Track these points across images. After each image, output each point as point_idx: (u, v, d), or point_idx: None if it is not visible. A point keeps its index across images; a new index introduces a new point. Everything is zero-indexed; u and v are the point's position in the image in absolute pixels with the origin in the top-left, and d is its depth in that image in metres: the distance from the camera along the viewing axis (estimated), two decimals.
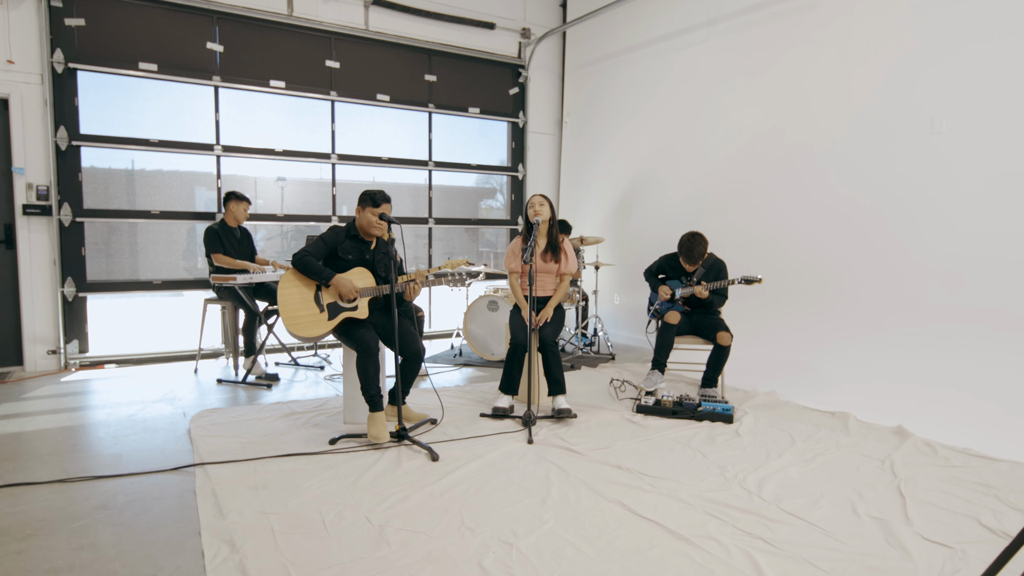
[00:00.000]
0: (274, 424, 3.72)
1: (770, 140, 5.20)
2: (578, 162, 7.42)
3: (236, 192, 5.01)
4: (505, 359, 3.95)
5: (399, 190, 6.79)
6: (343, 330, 3.51)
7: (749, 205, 5.37)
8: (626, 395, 4.43)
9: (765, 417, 3.90)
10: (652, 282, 4.60)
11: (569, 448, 3.30)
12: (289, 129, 6.11)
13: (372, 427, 3.33)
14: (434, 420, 3.75)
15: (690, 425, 3.73)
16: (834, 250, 4.73)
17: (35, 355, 5.14)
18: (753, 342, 5.13)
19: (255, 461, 3.10)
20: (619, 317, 6.86)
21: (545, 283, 4.11)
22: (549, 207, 4.02)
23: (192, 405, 4.17)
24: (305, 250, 3.45)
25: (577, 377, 5.03)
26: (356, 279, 3.52)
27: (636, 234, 6.58)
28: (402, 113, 6.70)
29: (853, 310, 4.60)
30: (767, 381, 4.68)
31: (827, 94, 4.79)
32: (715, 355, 4.21)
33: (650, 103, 6.36)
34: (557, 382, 3.87)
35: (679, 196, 6.04)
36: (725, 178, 5.58)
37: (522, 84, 7.41)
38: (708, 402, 3.91)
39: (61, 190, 5.14)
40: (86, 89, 5.19)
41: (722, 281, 4.16)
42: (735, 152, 5.49)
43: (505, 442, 3.41)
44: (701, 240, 4.21)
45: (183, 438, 3.50)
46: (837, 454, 3.29)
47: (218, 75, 5.66)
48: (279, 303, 3.39)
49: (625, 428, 3.69)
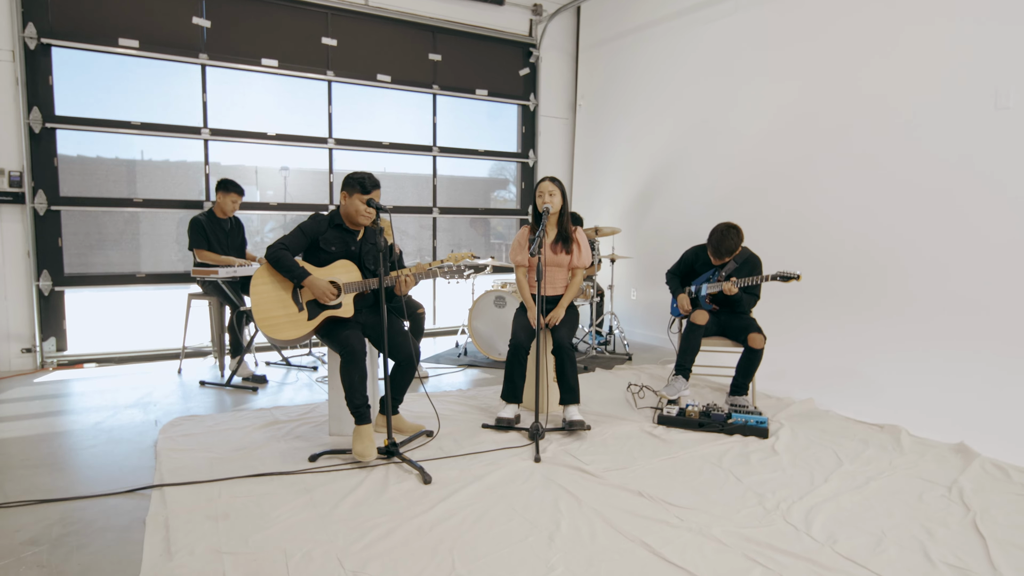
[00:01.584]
0: (252, 435, 3.33)
1: (808, 120, 4.70)
2: (593, 148, 6.95)
3: (226, 181, 4.61)
4: (505, 363, 3.52)
5: (401, 179, 6.38)
6: (326, 331, 3.10)
7: (783, 193, 4.88)
8: (645, 403, 3.99)
9: (804, 430, 3.45)
10: (673, 285, 4.13)
11: (582, 468, 2.87)
12: (283, 112, 5.70)
13: (357, 442, 2.93)
14: (430, 432, 3.34)
15: (719, 440, 3.29)
16: (880, 241, 4.24)
17: (9, 354, 4.79)
18: (787, 343, 4.67)
19: (221, 483, 2.71)
20: (636, 313, 6.41)
21: (556, 278, 3.67)
22: (560, 194, 3.58)
23: (167, 411, 3.80)
24: (280, 242, 3.05)
25: (591, 381, 4.59)
26: (340, 273, 3.11)
27: (656, 225, 6.11)
28: (404, 95, 6.27)
29: (903, 309, 4.11)
30: (803, 387, 4.22)
31: (876, 66, 4.29)
32: (746, 359, 3.75)
33: (673, 83, 5.88)
34: (571, 390, 3.44)
35: (704, 184, 5.57)
36: (756, 163, 5.10)
37: (533, 64, 6.95)
38: (739, 413, 3.47)
39: (35, 176, 4.77)
40: (61, 67, 4.81)
41: (755, 278, 3.69)
42: (768, 134, 5.00)
43: (509, 460, 2.99)
44: (735, 234, 3.73)
45: (148, 452, 3.12)
46: (893, 478, 2.83)
47: (205, 53, 5.26)
48: (252, 302, 2.99)
49: (645, 443, 3.26)
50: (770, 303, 4.62)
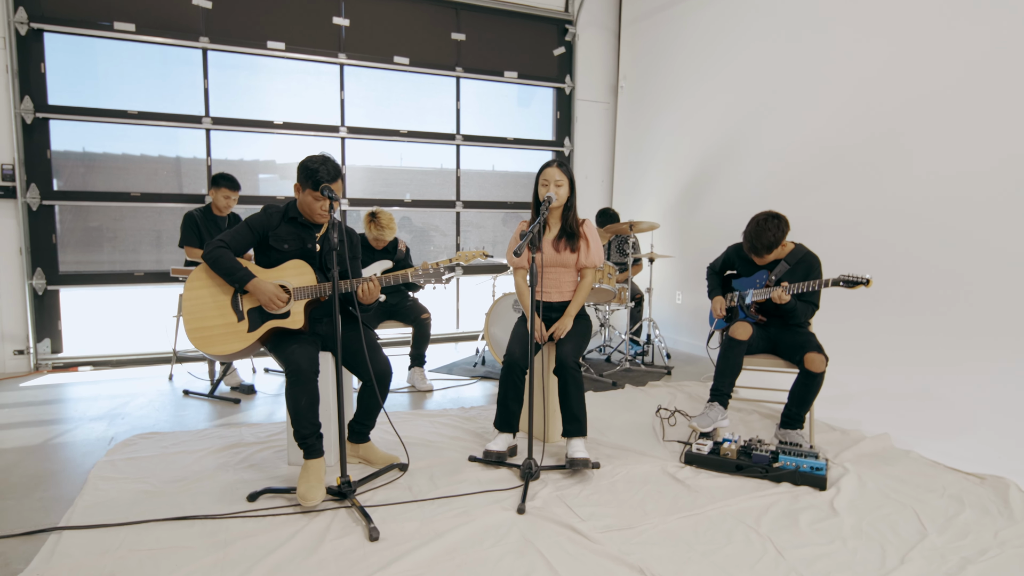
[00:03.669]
0: (203, 461, 2.88)
1: (889, 90, 3.88)
2: (637, 134, 6.24)
3: (218, 176, 4.19)
4: (499, 383, 2.93)
5: (421, 175, 5.87)
6: (274, 344, 2.60)
7: (853, 180, 4.07)
8: (675, 433, 3.31)
9: (875, 479, 2.70)
10: (712, 284, 3.44)
11: (573, 527, 2.25)
12: (290, 98, 5.29)
13: (302, 481, 2.41)
14: (403, 465, 2.79)
15: (761, 489, 2.59)
16: (975, 233, 3.39)
17: (3, 355, 4.58)
18: (854, 362, 3.86)
19: (131, 527, 2.25)
20: (681, 320, 5.68)
21: (561, 281, 3.05)
22: (569, 185, 2.96)
23: (133, 426, 3.42)
24: (220, 240, 2.56)
25: (616, 400, 3.94)
26: (291, 276, 2.60)
27: (706, 219, 5.36)
28: (424, 79, 5.76)
29: (1008, 325, 3.26)
30: (876, 417, 3.43)
31: (981, 23, 3.44)
32: (802, 385, 3.01)
33: (728, 59, 5.11)
34: (576, 420, 2.81)
35: (761, 172, 4.79)
36: (823, 146, 4.29)
37: (569, 43, 6.30)
38: (789, 454, 2.74)
39: (28, 169, 4.54)
40: (54, 54, 4.56)
41: (812, 282, 2.95)
42: (840, 109, 4.19)
43: (486, 509, 2.40)
44: (776, 225, 3.00)
45: (82, 477, 2.72)
46: (1001, 559, 2.07)
47: (206, 36, 4.90)
48: (183, 309, 2.52)
49: (664, 490, 2.60)
50: (830, 312, 3.84)
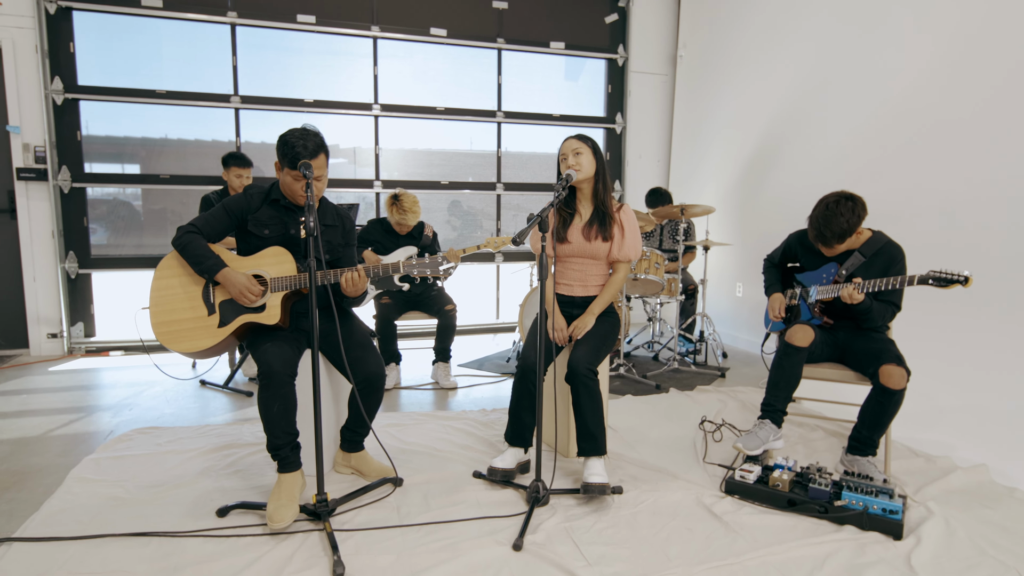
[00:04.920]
0: (189, 463, 2.67)
1: (987, 54, 3.20)
2: (696, 109, 5.66)
3: (227, 155, 4.00)
4: (511, 390, 2.55)
5: (461, 157, 5.52)
6: (249, 341, 2.33)
7: (950, 158, 3.42)
8: (718, 452, 2.84)
9: (967, 526, 2.16)
10: (770, 277, 2.93)
11: (575, 573, 1.86)
12: (321, 75, 5.05)
13: (272, 498, 2.14)
14: (397, 480, 2.48)
15: (817, 534, 2.11)
16: None
17: (39, 338, 4.60)
18: (945, 370, 3.25)
19: (82, 542, 2.03)
20: (741, 315, 5.12)
21: (587, 275, 2.64)
22: (592, 154, 2.53)
23: (139, 418, 3.28)
24: (192, 224, 2.30)
25: (656, 407, 3.49)
26: (269, 264, 2.31)
27: (771, 202, 4.77)
28: (463, 51, 5.39)
29: None
30: (971, 443, 2.85)
31: None
32: (875, 403, 2.47)
33: (800, 19, 4.48)
34: (591, 438, 2.40)
35: (836, 150, 4.16)
36: (908, 119, 3.64)
37: (623, 9, 5.76)
38: (857, 490, 2.23)
39: (59, 151, 4.49)
40: (83, 32, 4.47)
41: (893, 279, 2.41)
42: (929, 78, 3.53)
43: (477, 541, 2.04)
44: (848, 208, 2.45)
45: (63, 477, 2.55)
46: None
47: (234, 10, 4.71)
48: (149, 300, 2.28)
49: (697, 528, 2.16)
50: (912, 314, 3.24)
